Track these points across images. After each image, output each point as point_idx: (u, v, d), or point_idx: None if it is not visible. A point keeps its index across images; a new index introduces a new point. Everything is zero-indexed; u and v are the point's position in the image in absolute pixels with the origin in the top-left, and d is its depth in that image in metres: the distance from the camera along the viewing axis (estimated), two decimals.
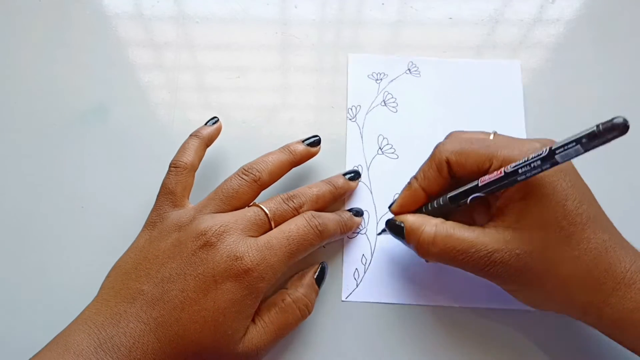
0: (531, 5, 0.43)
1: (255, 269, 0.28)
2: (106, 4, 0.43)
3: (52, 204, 0.37)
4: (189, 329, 0.27)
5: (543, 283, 0.27)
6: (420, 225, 0.29)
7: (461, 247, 0.28)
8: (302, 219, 0.30)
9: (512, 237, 0.27)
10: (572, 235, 0.26)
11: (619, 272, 0.26)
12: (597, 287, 0.26)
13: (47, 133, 0.39)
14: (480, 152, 0.29)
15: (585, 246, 0.26)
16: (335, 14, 0.43)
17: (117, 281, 0.29)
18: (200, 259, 0.28)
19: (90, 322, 0.27)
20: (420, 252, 0.30)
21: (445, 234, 0.28)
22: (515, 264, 0.27)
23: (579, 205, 0.26)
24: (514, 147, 0.28)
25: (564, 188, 0.27)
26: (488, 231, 0.28)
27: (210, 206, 0.30)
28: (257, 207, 0.31)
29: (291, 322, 0.30)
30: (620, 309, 0.26)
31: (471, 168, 0.29)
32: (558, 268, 0.26)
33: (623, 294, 0.26)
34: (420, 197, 0.31)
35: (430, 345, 0.33)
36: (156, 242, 0.29)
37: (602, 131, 0.21)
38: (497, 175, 0.27)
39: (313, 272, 0.33)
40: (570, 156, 0.23)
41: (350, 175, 0.35)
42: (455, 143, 0.30)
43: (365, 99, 0.39)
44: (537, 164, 0.25)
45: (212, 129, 0.35)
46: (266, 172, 0.32)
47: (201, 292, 0.27)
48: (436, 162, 0.30)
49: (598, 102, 0.39)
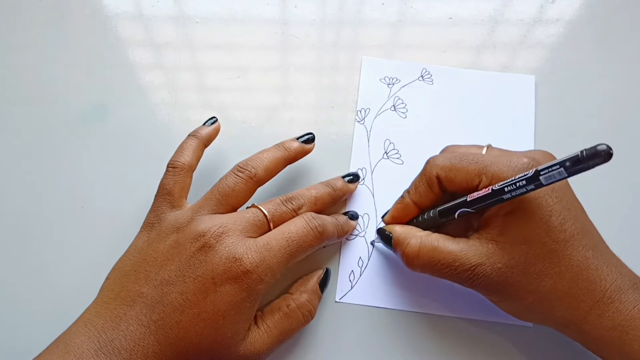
0: (531, 5, 0.43)
1: (254, 271, 0.28)
2: (106, 4, 0.43)
3: (52, 204, 0.37)
4: (190, 332, 0.27)
5: (522, 297, 0.27)
6: (407, 238, 0.30)
7: (445, 260, 0.28)
8: (302, 220, 0.30)
9: (495, 251, 0.27)
10: (554, 252, 0.27)
11: (599, 291, 0.26)
12: (576, 305, 0.27)
13: (47, 133, 0.39)
14: (470, 168, 0.29)
15: (567, 263, 0.27)
16: (335, 14, 0.43)
17: (117, 283, 0.29)
18: (199, 261, 0.28)
19: (90, 325, 0.27)
20: (406, 263, 0.30)
21: (430, 247, 0.29)
22: (496, 278, 0.27)
23: (563, 222, 0.27)
24: (503, 163, 0.28)
25: (549, 204, 0.27)
26: (472, 243, 0.28)
27: (207, 206, 0.30)
28: (256, 208, 0.30)
29: (294, 328, 0.30)
30: (598, 326, 0.26)
31: (460, 184, 0.29)
32: (538, 284, 0.27)
33: (601, 313, 0.26)
34: (411, 210, 0.32)
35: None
36: (155, 243, 0.29)
37: (586, 157, 0.22)
38: (484, 192, 0.27)
39: (317, 277, 0.33)
40: (554, 179, 0.24)
41: (349, 177, 0.35)
42: (445, 159, 0.30)
43: (375, 102, 0.39)
44: (522, 184, 0.25)
45: (211, 129, 0.35)
46: (261, 168, 0.32)
47: (200, 294, 0.27)
48: (427, 178, 0.31)
49: (598, 102, 0.39)
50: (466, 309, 0.33)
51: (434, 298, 0.34)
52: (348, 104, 0.39)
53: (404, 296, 0.34)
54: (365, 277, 0.34)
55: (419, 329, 0.33)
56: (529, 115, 0.38)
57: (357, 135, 0.38)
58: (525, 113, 0.38)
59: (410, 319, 0.33)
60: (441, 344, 0.33)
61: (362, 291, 0.34)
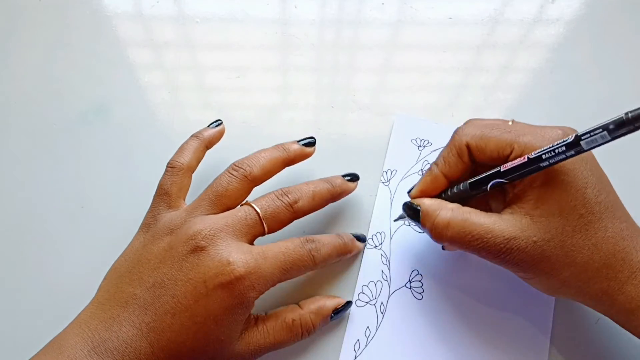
0: (531, 5, 0.43)
1: (247, 277, 0.27)
2: (106, 4, 0.43)
3: (52, 204, 0.37)
4: (182, 335, 0.27)
5: (560, 271, 0.27)
6: (437, 209, 0.29)
7: (477, 232, 0.27)
8: (298, 240, 0.30)
9: (529, 224, 0.27)
10: (590, 223, 0.26)
11: (636, 261, 0.26)
12: (613, 276, 0.26)
13: (47, 133, 0.39)
14: (501, 137, 0.28)
15: (602, 234, 0.26)
16: (335, 14, 0.43)
17: (112, 284, 0.29)
18: (190, 264, 0.27)
19: (84, 326, 0.27)
20: (435, 235, 0.29)
21: (461, 218, 0.28)
22: (532, 252, 0.26)
23: (598, 194, 0.26)
24: (535, 133, 0.27)
25: (585, 176, 0.26)
26: (505, 217, 0.27)
27: (201, 207, 0.30)
28: (248, 206, 0.30)
29: (290, 341, 0.30)
30: (635, 297, 0.26)
31: (491, 154, 0.28)
32: (575, 256, 0.26)
33: (638, 282, 0.26)
34: (440, 183, 0.30)
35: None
36: (149, 245, 0.29)
37: (631, 119, 0.21)
38: (520, 161, 0.26)
39: (335, 306, 0.32)
40: (597, 143, 0.23)
41: (349, 177, 0.34)
42: (475, 128, 0.29)
43: (403, 164, 0.37)
44: (561, 149, 0.24)
45: (214, 131, 0.34)
46: (257, 167, 0.31)
47: (192, 298, 0.27)
48: (456, 147, 0.29)
49: (598, 102, 0.39)
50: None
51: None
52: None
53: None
54: (372, 348, 0.32)
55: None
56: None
57: (380, 196, 0.36)
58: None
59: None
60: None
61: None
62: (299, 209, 0.31)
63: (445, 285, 0.34)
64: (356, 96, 0.40)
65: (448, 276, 0.34)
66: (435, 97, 0.40)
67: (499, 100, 0.40)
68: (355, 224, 0.36)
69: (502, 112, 0.39)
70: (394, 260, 0.34)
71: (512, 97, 0.40)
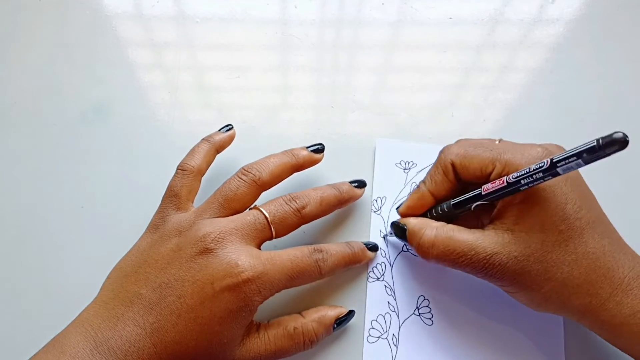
0: (531, 5, 0.43)
1: (254, 281, 0.27)
2: (106, 4, 0.43)
3: (52, 203, 0.37)
4: (186, 336, 0.27)
5: (540, 286, 0.27)
6: (422, 228, 0.30)
7: (461, 249, 0.28)
8: (306, 249, 0.30)
9: (510, 240, 0.27)
10: (570, 239, 0.26)
11: (617, 278, 0.26)
12: (594, 292, 0.26)
13: (48, 133, 0.39)
14: (484, 156, 0.29)
15: (583, 250, 0.26)
16: (335, 14, 0.43)
17: (117, 283, 0.29)
18: (198, 265, 0.28)
19: (87, 324, 0.27)
20: (421, 253, 0.30)
21: (445, 236, 0.29)
22: (513, 267, 0.27)
23: (578, 210, 0.27)
24: (516, 151, 0.28)
25: (564, 192, 0.27)
26: (487, 233, 0.28)
27: (209, 210, 0.30)
28: (257, 210, 0.30)
29: (292, 350, 0.30)
30: (617, 314, 0.26)
31: (474, 172, 0.29)
32: (555, 271, 0.27)
33: (620, 300, 0.26)
34: (427, 200, 0.31)
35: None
36: (157, 245, 0.29)
37: (602, 145, 0.22)
38: (499, 184, 0.27)
39: (336, 315, 0.32)
40: (571, 168, 0.24)
41: (356, 184, 0.35)
42: (460, 147, 0.30)
43: (391, 189, 0.36)
44: (538, 175, 0.25)
45: (225, 135, 0.35)
46: (266, 172, 0.31)
47: (198, 299, 0.27)
48: (442, 166, 0.31)
49: (598, 102, 0.39)
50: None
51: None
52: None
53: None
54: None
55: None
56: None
57: (374, 226, 0.35)
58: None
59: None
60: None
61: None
62: (307, 214, 0.31)
63: (453, 306, 0.33)
64: (356, 96, 0.40)
65: (455, 296, 0.33)
66: (435, 97, 0.40)
67: (499, 100, 0.40)
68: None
69: (502, 112, 0.39)
70: (399, 289, 0.34)
71: (512, 97, 0.40)
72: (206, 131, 0.35)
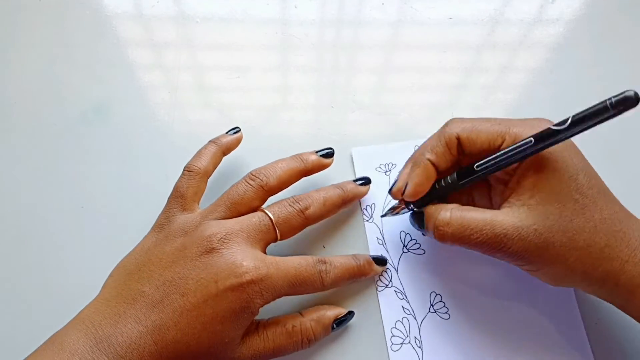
0: (531, 5, 0.43)
1: (257, 283, 0.27)
2: (106, 4, 0.43)
3: (52, 204, 0.37)
4: (187, 334, 0.27)
5: (565, 257, 0.27)
6: (437, 210, 0.30)
7: (476, 225, 0.28)
8: (311, 259, 0.30)
9: (527, 214, 0.27)
10: (586, 207, 0.27)
11: (633, 240, 0.27)
12: (615, 256, 0.27)
13: (48, 133, 0.39)
14: (492, 129, 0.29)
15: (599, 216, 0.27)
16: (335, 14, 0.43)
17: (120, 281, 0.29)
18: (203, 264, 0.28)
19: (88, 322, 0.27)
20: (437, 235, 0.29)
21: (460, 215, 0.29)
22: (534, 241, 0.27)
23: (590, 179, 0.27)
24: (525, 125, 0.28)
25: (575, 163, 0.27)
26: (504, 211, 0.28)
27: (216, 212, 0.30)
28: (262, 212, 0.30)
29: (289, 349, 0.30)
30: (635, 275, 0.26)
31: (482, 145, 0.29)
32: (578, 239, 0.27)
33: (638, 260, 0.27)
34: (431, 173, 0.31)
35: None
36: (161, 245, 0.29)
37: (614, 104, 0.24)
38: (525, 143, 0.27)
39: (335, 315, 0.32)
40: (587, 127, 0.25)
41: (361, 182, 0.35)
42: (465, 121, 0.30)
43: (378, 195, 0.36)
44: (563, 134, 0.26)
45: (232, 138, 0.35)
46: (274, 177, 0.31)
47: (201, 297, 0.27)
48: (446, 138, 0.30)
49: (598, 102, 0.39)
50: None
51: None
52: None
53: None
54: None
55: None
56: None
57: (371, 234, 0.35)
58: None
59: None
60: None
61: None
62: (311, 215, 0.31)
63: (466, 295, 0.33)
64: (356, 96, 0.40)
65: (465, 285, 0.34)
66: (435, 97, 0.40)
67: (499, 100, 0.40)
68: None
69: (502, 112, 0.39)
70: (409, 291, 0.34)
71: (512, 97, 0.40)
72: (206, 131, 0.35)
